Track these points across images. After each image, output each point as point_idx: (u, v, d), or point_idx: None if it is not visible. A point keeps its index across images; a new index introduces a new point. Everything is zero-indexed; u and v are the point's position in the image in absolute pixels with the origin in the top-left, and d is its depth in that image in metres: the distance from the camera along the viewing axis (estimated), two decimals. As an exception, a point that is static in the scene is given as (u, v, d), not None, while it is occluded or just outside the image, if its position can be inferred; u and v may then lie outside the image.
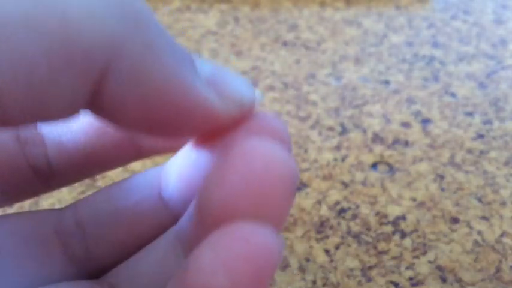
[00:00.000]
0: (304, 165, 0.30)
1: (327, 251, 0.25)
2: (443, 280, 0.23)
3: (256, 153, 0.11)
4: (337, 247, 0.25)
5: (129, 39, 0.11)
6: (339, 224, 0.26)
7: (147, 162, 0.30)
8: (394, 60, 0.39)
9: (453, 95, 0.35)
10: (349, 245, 0.25)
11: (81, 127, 0.15)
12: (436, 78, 0.37)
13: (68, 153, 0.15)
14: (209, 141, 0.14)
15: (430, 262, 0.24)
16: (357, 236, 0.25)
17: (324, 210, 0.27)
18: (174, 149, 0.16)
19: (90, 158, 0.15)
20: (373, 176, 0.29)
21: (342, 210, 0.27)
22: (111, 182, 0.17)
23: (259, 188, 0.11)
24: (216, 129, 0.13)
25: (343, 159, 0.30)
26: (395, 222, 0.26)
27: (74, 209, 0.16)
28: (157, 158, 0.30)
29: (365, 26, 0.43)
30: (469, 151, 0.30)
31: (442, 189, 0.28)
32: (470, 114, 0.33)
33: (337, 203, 0.27)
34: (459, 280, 0.23)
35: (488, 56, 0.39)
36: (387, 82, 0.36)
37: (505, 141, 0.31)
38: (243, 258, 0.10)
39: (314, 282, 0.23)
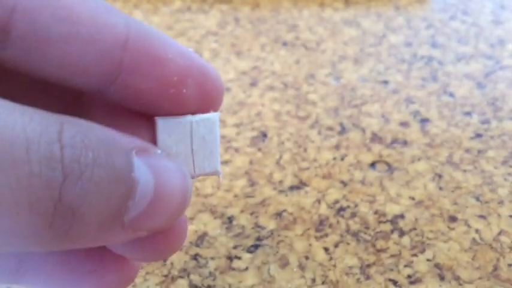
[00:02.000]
0: (304, 165, 0.30)
1: (326, 249, 0.25)
2: (441, 278, 0.23)
3: None
4: (336, 245, 0.25)
5: None
6: (338, 222, 0.26)
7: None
8: (393, 60, 0.39)
9: (451, 94, 0.35)
10: (348, 243, 0.25)
11: None
12: (434, 78, 0.37)
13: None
14: None
15: (428, 260, 0.24)
16: (355, 235, 0.26)
17: (323, 209, 0.27)
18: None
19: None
20: (372, 175, 0.29)
21: (341, 209, 0.27)
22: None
23: None
24: None
25: (342, 159, 0.30)
26: (393, 221, 0.26)
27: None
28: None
29: (364, 27, 0.44)
30: (467, 150, 0.31)
31: (440, 188, 0.28)
32: (468, 113, 0.33)
33: (337, 201, 0.27)
34: (457, 278, 0.23)
35: (486, 56, 0.39)
36: (386, 82, 0.37)
37: (503, 141, 0.31)
38: None
39: (313, 280, 0.23)
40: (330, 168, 0.30)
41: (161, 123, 0.15)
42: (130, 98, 0.15)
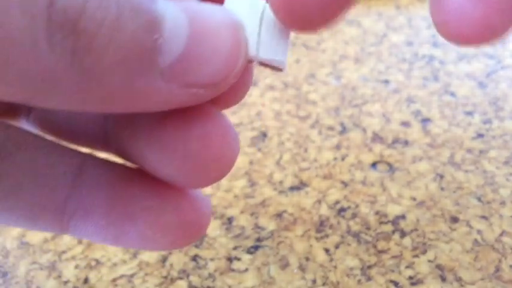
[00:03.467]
0: (304, 165, 0.30)
1: (326, 250, 0.25)
2: (443, 279, 0.23)
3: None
4: (337, 246, 0.25)
5: None
6: (338, 223, 0.26)
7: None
8: (394, 60, 0.39)
9: (453, 94, 0.35)
10: (349, 244, 0.25)
11: None
12: (435, 78, 0.37)
13: None
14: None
15: (429, 261, 0.24)
16: (356, 235, 0.25)
17: (324, 210, 0.27)
18: None
19: None
20: (373, 175, 0.29)
21: (342, 210, 0.27)
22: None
23: None
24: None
25: (343, 159, 0.30)
26: (395, 222, 0.26)
27: None
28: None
29: (365, 26, 0.43)
30: (469, 150, 0.30)
31: (442, 189, 0.28)
32: (469, 113, 0.33)
33: (337, 202, 0.27)
34: (459, 279, 0.23)
35: (487, 55, 0.39)
36: (387, 81, 0.36)
37: (505, 141, 0.31)
38: None
39: (314, 281, 0.23)
40: (331, 168, 0.29)
41: (229, 0, 0.14)
42: None
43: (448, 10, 0.13)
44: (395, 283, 0.23)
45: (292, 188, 0.28)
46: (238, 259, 0.24)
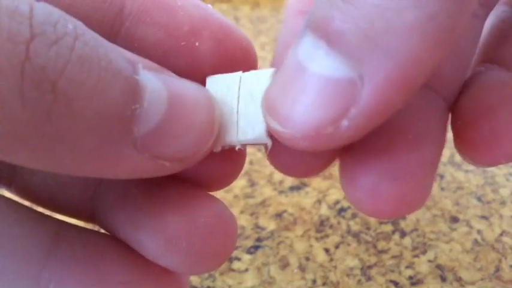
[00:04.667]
0: (304, 165, 0.30)
1: (326, 250, 0.25)
2: (443, 279, 0.23)
3: None
4: (337, 246, 0.25)
5: None
6: (338, 223, 0.26)
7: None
8: (394, 60, 0.39)
9: (453, 94, 0.35)
10: (349, 244, 0.25)
11: None
12: (435, 78, 0.37)
13: None
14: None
15: (429, 261, 0.24)
16: (356, 235, 0.25)
17: (324, 210, 0.27)
18: None
19: None
20: (373, 175, 0.29)
21: (342, 210, 0.27)
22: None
23: None
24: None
25: (343, 159, 0.30)
26: (395, 222, 0.26)
27: None
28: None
29: (365, 26, 0.43)
30: (469, 150, 0.30)
31: (442, 189, 0.28)
32: (470, 113, 0.33)
33: (337, 202, 0.27)
34: (459, 279, 0.23)
35: (488, 55, 0.39)
36: (387, 82, 0.36)
37: (505, 141, 0.31)
38: None
39: (314, 281, 0.23)
40: (331, 168, 0.29)
41: (210, 80, 0.14)
42: (138, 53, 0.13)
43: (363, 189, 0.13)
44: (396, 283, 0.23)
45: (292, 188, 0.28)
46: (238, 259, 0.24)
